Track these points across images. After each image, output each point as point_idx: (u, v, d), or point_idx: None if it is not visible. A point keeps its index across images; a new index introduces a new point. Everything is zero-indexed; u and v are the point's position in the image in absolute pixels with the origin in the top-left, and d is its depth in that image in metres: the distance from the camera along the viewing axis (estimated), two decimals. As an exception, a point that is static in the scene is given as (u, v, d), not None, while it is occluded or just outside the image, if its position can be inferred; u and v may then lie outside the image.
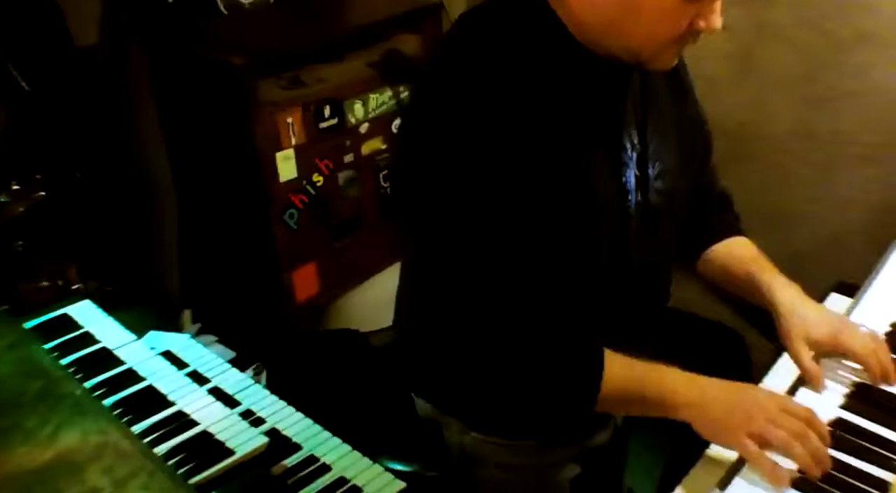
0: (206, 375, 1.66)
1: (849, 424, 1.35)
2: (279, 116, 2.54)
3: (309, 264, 2.79)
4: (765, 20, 2.32)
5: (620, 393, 1.32)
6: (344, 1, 3.15)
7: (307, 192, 2.69)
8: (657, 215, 1.42)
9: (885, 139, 2.29)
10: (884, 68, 2.22)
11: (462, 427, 1.58)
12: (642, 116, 1.38)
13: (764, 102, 1.79)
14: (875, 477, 1.25)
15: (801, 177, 2.23)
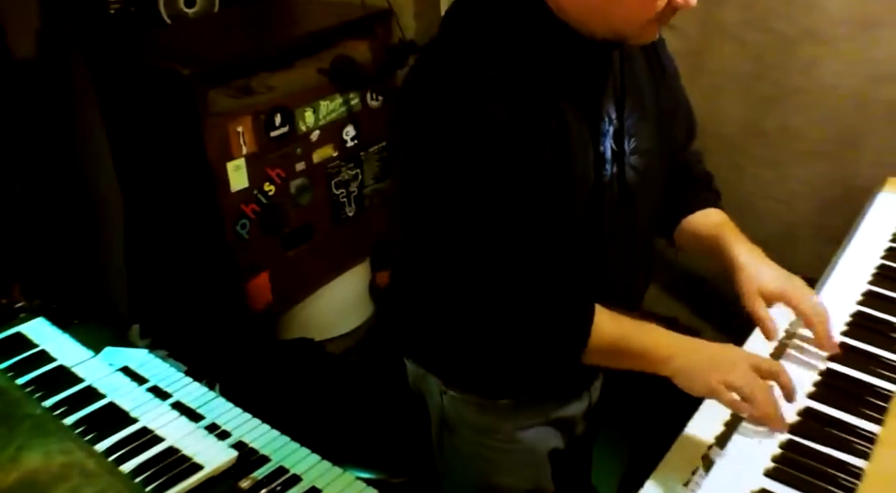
0: (166, 389, 1.63)
1: (816, 412, 1.37)
2: (229, 126, 2.51)
3: (262, 274, 2.76)
4: (713, 20, 2.34)
5: (607, 345, 1.37)
6: (291, 8, 3.13)
7: (259, 201, 2.66)
8: (633, 193, 1.47)
9: (832, 135, 2.33)
10: (830, 65, 2.26)
11: (441, 386, 1.62)
12: (621, 94, 1.43)
13: (714, 100, 1.81)
14: (848, 464, 1.26)
15: (752, 174, 2.26)
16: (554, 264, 1.37)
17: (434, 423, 1.70)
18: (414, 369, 1.71)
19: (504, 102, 1.25)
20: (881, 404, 1.36)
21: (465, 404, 1.61)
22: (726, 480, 1.25)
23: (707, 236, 1.61)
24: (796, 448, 1.29)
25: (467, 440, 1.65)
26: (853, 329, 1.55)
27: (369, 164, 3.01)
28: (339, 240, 3.00)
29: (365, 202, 3.05)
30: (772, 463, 1.26)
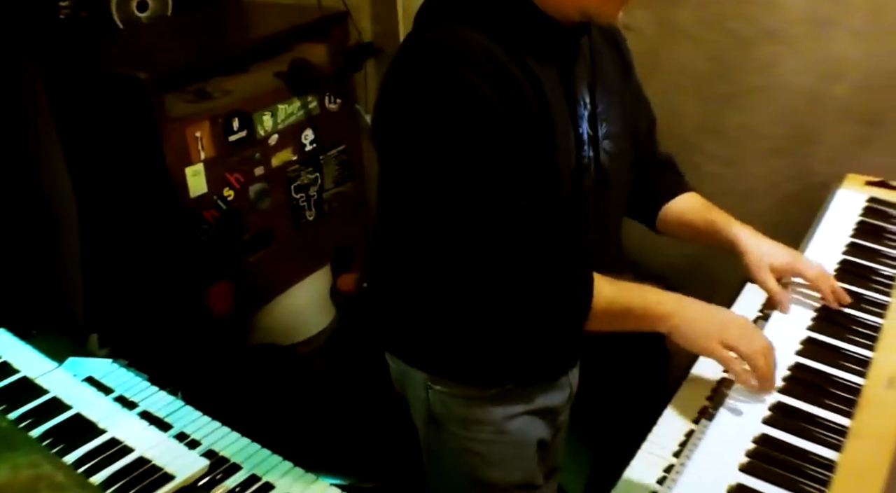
0: (133, 399, 1.60)
1: (787, 406, 1.38)
2: (187, 131, 2.48)
3: (222, 280, 2.73)
4: (670, 20, 2.37)
5: (609, 309, 1.39)
6: (246, 11, 3.11)
7: (218, 207, 2.64)
8: (606, 177, 1.51)
9: (789, 132, 2.36)
10: (786, 64, 2.29)
11: (426, 381, 1.63)
12: (592, 80, 1.48)
13: (672, 100, 1.83)
14: (821, 456, 1.28)
15: (710, 171, 2.28)
16: (548, 238, 1.40)
17: (420, 420, 1.70)
18: (397, 366, 1.71)
19: (494, 85, 1.29)
20: (850, 397, 1.38)
21: (452, 398, 1.62)
22: (701, 476, 1.26)
23: (698, 221, 1.68)
24: (769, 442, 1.30)
25: (455, 434, 1.65)
26: (819, 324, 1.57)
27: (328, 167, 2.99)
28: (300, 244, 2.98)
29: (325, 206, 3.03)
30: (746, 458, 1.28)
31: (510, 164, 1.32)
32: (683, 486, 1.24)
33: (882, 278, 1.71)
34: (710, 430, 1.34)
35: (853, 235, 1.87)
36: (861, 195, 2.02)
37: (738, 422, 1.35)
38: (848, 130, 2.26)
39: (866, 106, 2.22)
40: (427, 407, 1.66)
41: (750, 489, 1.22)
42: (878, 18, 2.12)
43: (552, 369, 1.69)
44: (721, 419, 1.36)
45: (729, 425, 1.35)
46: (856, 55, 2.18)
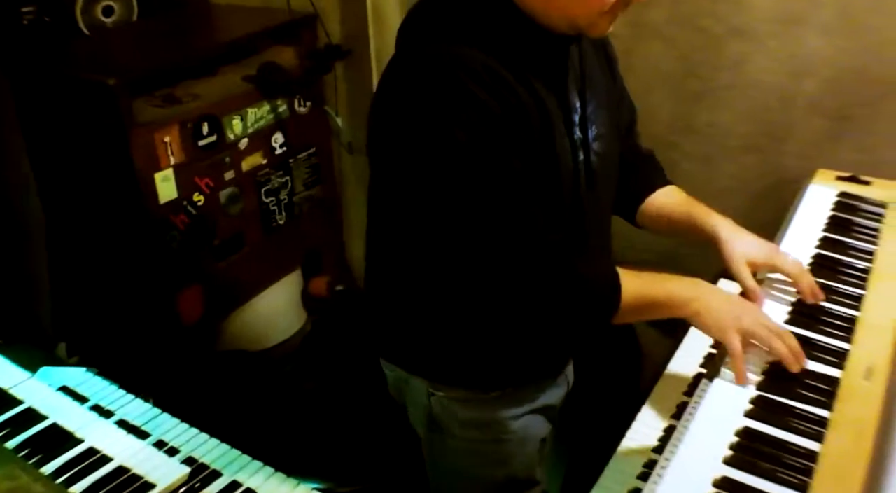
0: (108, 408, 1.59)
1: (768, 399, 1.39)
2: (156, 136, 2.46)
3: (193, 286, 2.71)
4: (641, 20, 2.38)
5: (636, 303, 1.43)
6: (214, 15, 3.08)
7: (188, 212, 2.62)
8: (596, 178, 1.53)
9: (759, 129, 2.37)
10: (756, 61, 2.30)
11: (428, 388, 1.63)
12: (581, 84, 1.50)
13: (645, 99, 1.84)
14: (803, 448, 1.29)
15: (683, 170, 2.29)
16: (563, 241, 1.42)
17: (422, 426, 1.70)
18: (395, 374, 1.70)
19: (496, 96, 1.30)
20: (829, 389, 1.39)
21: (454, 402, 1.63)
22: (687, 470, 1.26)
23: (678, 214, 1.70)
24: (752, 435, 1.31)
25: (458, 436, 1.66)
26: (796, 317, 1.58)
27: (299, 171, 2.98)
28: (271, 249, 2.97)
29: (295, 210, 3.02)
30: (729, 451, 1.28)
31: (518, 172, 1.33)
32: (669, 480, 1.23)
33: (855, 272, 1.72)
34: (692, 424, 1.34)
35: (825, 229, 1.88)
36: (832, 190, 2.04)
37: (720, 416, 1.35)
38: (818, 126, 2.28)
39: (835, 102, 2.24)
40: (429, 413, 1.66)
41: (735, 481, 1.22)
42: (847, 15, 2.14)
43: (554, 367, 1.71)
44: (703, 414, 1.36)
45: (711, 419, 1.35)
46: (825, 52, 2.20)
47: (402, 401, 1.74)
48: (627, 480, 1.48)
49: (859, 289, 1.66)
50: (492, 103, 1.29)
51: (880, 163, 2.18)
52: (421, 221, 1.41)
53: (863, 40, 2.15)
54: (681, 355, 1.76)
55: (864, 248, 1.80)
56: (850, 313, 1.58)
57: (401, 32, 1.46)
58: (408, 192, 1.40)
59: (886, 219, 1.91)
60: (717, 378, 1.44)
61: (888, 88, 2.16)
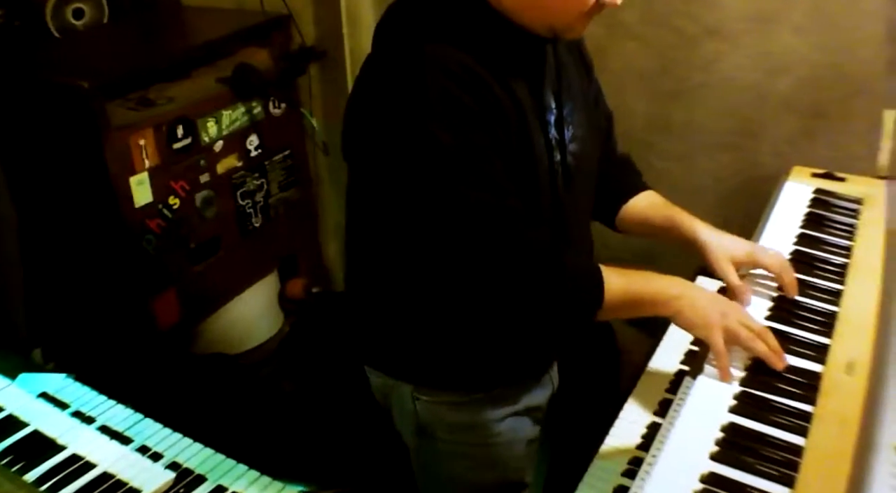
0: (90, 414, 1.57)
1: (752, 395, 1.40)
2: (131, 139, 2.45)
3: (169, 290, 2.70)
4: (615, 20, 2.39)
5: (619, 298, 1.44)
6: (186, 17, 3.07)
7: (164, 216, 2.60)
8: (574, 179, 1.54)
9: (734, 126, 2.39)
10: (730, 60, 2.32)
11: (413, 391, 1.63)
12: (557, 85, 1.51)
13: (620, 98, 1.85)
14: (788, 442, 1.29)
15: (659, 168, 2.31)
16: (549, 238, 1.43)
17: (409, 432, 1.70)
18: (380, 380, 1.70)
19: (474, 95, 1.31)
20: (811, 383, 1.40)
21: (439, 406, 1.63)
22: (674, 466, 1.26)
23: (658, 219, 1.71)
24: (737, 431, 1.32)
25: (446, 440, 1.66)
26: (777, 313, 1.59)
27: (274, 173, 2.97)
28: (247, 252, 2.96)
29: (271, 212, 3.01)
30: (715, 447, 1.29)
31: (499, 169, 1.35)
32: (657, 476, 1.24)
33: (834, 267, 1.73)
34: (678, 421, 1.35)
35: (803, 226, 1.90)
36: (808, 187, 2.06)
37: (704, 412, 1.36)
38: (792, 123, 2.30)
39: (809, 99, 2.26)
40: (415, 418, 1.65)
41: (721, 476, 1.23)
42: (819, 13, 2.16)
43: (538, 367, 1.71)
44: (689, 410, 1.37)
45: (697, 415, 1.35)
46: (798, 50, 2.22)
47: (388, 406, 1.74)
48: (612, 478, 1.48)
49: (838, 284, 1.67)
50: (469, 101, 1.30)
51: (854, 159, 2.20)
52: (403, 221, 1.42)
53: (835, 38, 2.17)
54: (661, 352, 1.76)
55: (841, 244, 1.82)
56: (830, 308, 1.60)
57: (377, 31, 1.46)
58: (388, 191, 1.40)
59: (862, 215, 1.93)
60: (700, 375, 1.45)
61: (861, 85, 2.18)
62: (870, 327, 1.53)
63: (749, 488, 1.21)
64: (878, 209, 1.94)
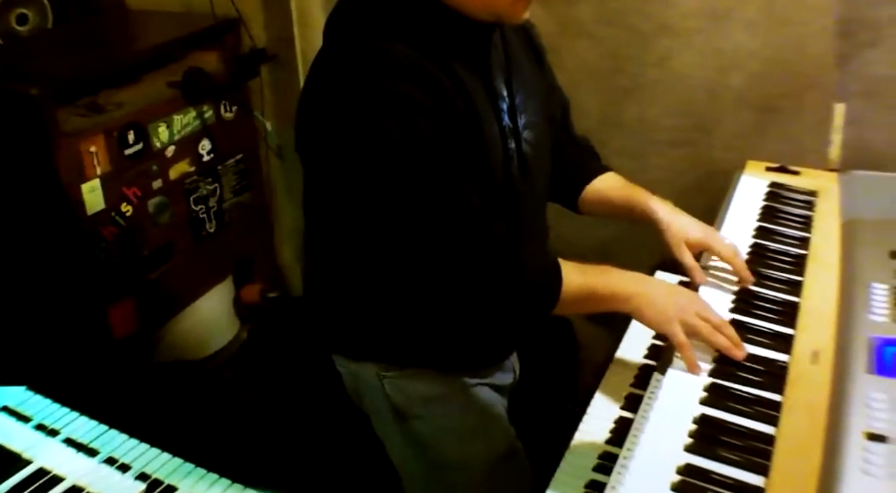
0: (53, 426, 1.54)
1: (721, 386, 1.42)
2: (82, 146, 2.41)
3: (125, 298, 2.66)
4: (569, 18, 2.40)
5: (577, 295, 1.46)
6: (132, 21, 3.03)
7: (116, 223, 2.56)
8: (529, 167, 1.56)
9: (688, 122, 2.42)
10: (682, 57, 2.34)
11: (378, 372, 1.64)
12: (507, 73, 1.52)
13: (574, 95, 1.87)
14: (760, 432, 1.32)
15: (613, 164, 2.31)
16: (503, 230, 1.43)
17: (387, 421, 1.70)
18: (347, 367, 1.70)
19: (424, 90, 1.32)
20: (779, 373, 1.42)
21: (408, 380, 1.64)
22: (650, 459, 1.28)
23: (619, 199, 1.75)
24: (709, 422, 1.34)
25: (423, 417, 1.67)
26: (739, 305, 1.62)
27: (227, 177, 2.94)
28: (201, 257, 2.92)
29: (225, 217, 2.98)
30: (689, 439, 1.30)
31: (453, 163, 1.36)
32: (635, 470, 1.25)
33: (792, 259, 1.77)
34: (651, 414, 1.36)
35: (759, 219, 1.93)
36: (763, 181, 2.09)
37: (677, 405, 1.38)
38: (744, 118, 2.33)
39: (761, 95, 2.29)
40: (388, 402, 1.66)
41: (698, 467, 1.25)
42: (770, 10, 2.19)
43: (498, 354, 1.74)
44: (660, 404, 1.38)
45: (669, 409, 1.37)
46: (749, 46, 2.25)
47: (360, 400, 1.74)
48: (583, 473, 1.49)
49: (797, 276, 1.70)
50: (419, 96, 1.31)
51: (805, 152, 2.24)
52: (358, 217, 1.42)
53: (786, 34, 2.20)
54: (624, 347, 1.78)
55: (798, 236, 1.85)
56: (792, 299, 1.63)
57: (327, 27, 1.47)
58: (343, 188, 1.40)
59: (817, 207, 1.97)
60: (670, 368, 1.46)
61: (811, 80, 2.22)
62: (831, 316, 1.56)
63: (725, 477, 1.23)
64: (832, 201, 1.99)
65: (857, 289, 1.60)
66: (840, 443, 1.22)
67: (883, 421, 1.25)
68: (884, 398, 1.29)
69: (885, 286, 1.60)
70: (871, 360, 1.39)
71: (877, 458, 1.18)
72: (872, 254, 1.71)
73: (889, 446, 1.20)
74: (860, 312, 1.53)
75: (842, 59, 2.15)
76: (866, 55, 2.12)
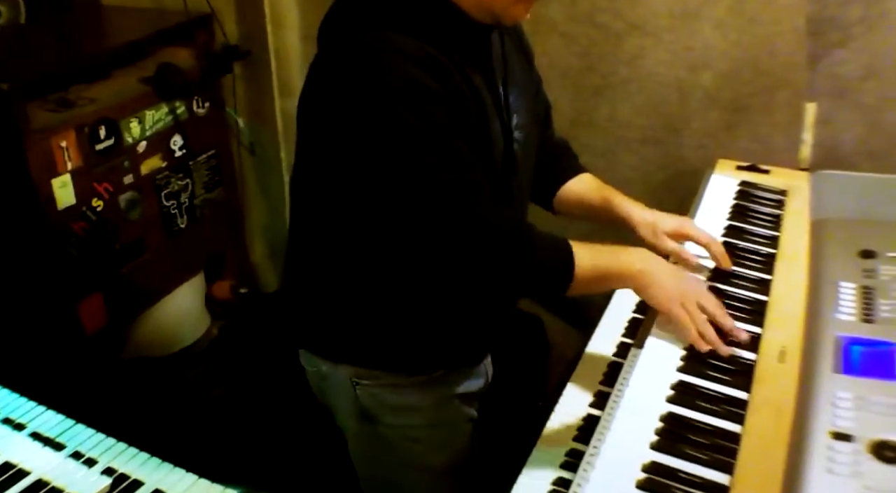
0: (20, 420, 1.53)
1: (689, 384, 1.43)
2: (52, 141, 2.38)
3: (95, 293, 2.64)
4: (540, 17, 2.38)
5: (590, 272, 1.47)
6: (106, 17, 3.01)
7: (87, 218, 2.54)
8: (517, 167, 1.58)
9: (658, 121, 2.43)
10: (653, 55, 2.35)
11: (352, 377, 1.63)
12: (503, 72, 1.55)
13: (546, 94, 1.88)
14: (725, 430, 1.33)
15: (584, 162, 2.31)
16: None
17: (352, 419, 1.70)
18: (317, 370, 1.70)
19: (437, 79, 1.33)
20: (745, 372, 1.43)
21: (381, 388, 1.64)
22: (616, 457, 1.28)
23: (595, 200, 1.78)
24: (676, 420, 1.34)
25: (390, 424, 1.67)
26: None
27: (199, 173, 2.93)
28: (173, 253, 2.91)
29: (196, 213, 2.96)
30: (655, 436, 1.31)
31: (465, 149, 1.38)
32: (601, 467, 1.26)
33: (761, 258, 1.78)
34: (618, 411, 1.37)
35: (730, 218, 1.94)
36: (733, 180, 2.11)
37: (643, 402, 1.39)
38: (714, 117, 2.35)
39: (731, 94, 2.30)
40: (357, 404, 1.66)
41: (663, 465, 1.25)
42: (739, 9, 2.21)
43: (477, 352, 1.75)
44: (627, 401, 1.39)
45: (636, 406, 1.38)
46: (719, 45, 2.26)
47: (324, 397, 1.74)
48: (552, 470, 1.49)
49: (766, 274, 1.72)
50: (432, 83, 1.33)
51: (774, 151, 2.26)
52: (364, 203, 1.43)
53: (755, 33, 2.22)
54: (593, 345, 1.79)
55: (768, 234, 1.87)
56: (760, 297, 1.64)
57: (326, 24, 1.47)
58: (352, 175, 1.40)
59: (787, 206, 1.98)
60: (636, 367, 1.47)
61: (779, 79, 2.23)
62: (799, 315, 1.57)
63: (690, 475, 1.24)
64: (802, 200, 2.00)
65: (826, 288, 1.62)
66: (805, 442, 1.23)
67: (848, 420, 1.26)
68: (849, 397, 1.30)
69: (853, 285, 1.61)
70: (838, 359, 1.40)
71: (842, 457, 1.19)
72: (841, 253, 1.73)
73: (854, 445, 1.21)
74: (828, 311, 1.54)
75: (812, 58, 2.16)
76: (835, 55, 2.14)
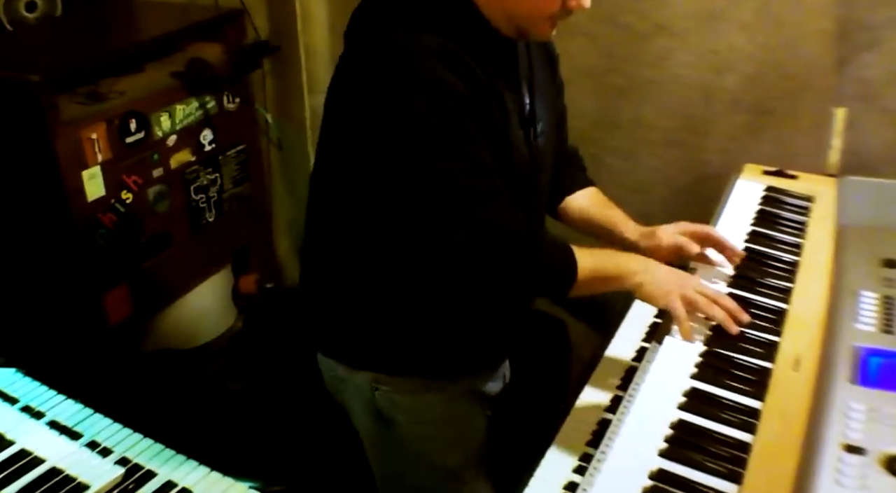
0: (39, 408, 1.56)
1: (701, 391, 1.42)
2: (82, 133, 2.41)
3: (121, 285, 2.66)
4: (563, 17, 2.39)
5: (591, 274, 1.51)
6: (139, 10, 3.04)
7: (116, 210, 2.57)
8: (538, 172, 1.61)
9: (682, 123, 2.41)
10: (678, 57, 2.34)
11: (372, 381, 1.64)
12: (529, 79, 1.57)
13: (568, 94, 1.86)
14: (736, 439, 1.31)
15: (607, 164, 2.33)
16: None
17: (367, 419, 1.71)
18: (335, 372, 1.71)
19: (464, 80, 1.35)
20: (760, 380, 1.42)
21: (398, 393, 1.65)
22: (623, 463, 1.28)
23: (598, 217, 1.80)
24: (686, 428, 1.34)
25: (404, 424, 1.68)
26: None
27: (228, 168, 2.94)
28: (199, 247, 2.93)
29: (224, 207, 2.98)
30: (664, 444, 1.30)
31: (487, 153, 1.40)
32: (607, 472, 1.26)
33: (784, 265, 1.76)
34: (627, 417, 1.36)
35: (754, 223, 1.93)
36: (759, 185, 2.09)
37: (654, 409, 1.38)
38: (738, 120, 2.33)
39: (755, 97, 2.29)
40: (373, 406, 1.67)
41: (670, 473, 1.25)
42: (765, 11, 2.19)
43: (497, 356, 1.76)
44: (638, 407, 1.38)
45: (646, 412, 1.37)
46: (744, 48, 2.25)
47: (340, 398, 1.74)
48: (563, 474, 1.49)
49: (787, 282, 1.70)
50: (459, 86, 1.34)
51: (799, 155, 2.24)
52: (384, 205, 1.44)
53: (780, 36, 2.20)
54: (612, 349, 1.78)
55: (792, 241, 1.85)
56: (779, 305, 1.62)
57: (354, 22, 1.48)
58: (373, 174, 1.42)
59: (812, 212, 1.96)
60: (649, 373, 1.46)
61: (805, 82, 2.21)
62: (818, 324, 1.56)
63: (697, 484, 1.23)
64: (829, 206, 1.98)
65: (846, 297, 1.60)
66: (816, 453, 1.22)
67: (860, 432, 1.25)
68: (863, 409, 1.29)
69: (874, 295, 1.59)
70: (855, 369, 1.39)
71: (851, 469, 1.18)
72: (864, 261, 1.71)
73: (865, 458, 1.19)
74: (847, 320, 1.53)
75: (841, 62, 2.14)
76: (863, 58, 2.11)
